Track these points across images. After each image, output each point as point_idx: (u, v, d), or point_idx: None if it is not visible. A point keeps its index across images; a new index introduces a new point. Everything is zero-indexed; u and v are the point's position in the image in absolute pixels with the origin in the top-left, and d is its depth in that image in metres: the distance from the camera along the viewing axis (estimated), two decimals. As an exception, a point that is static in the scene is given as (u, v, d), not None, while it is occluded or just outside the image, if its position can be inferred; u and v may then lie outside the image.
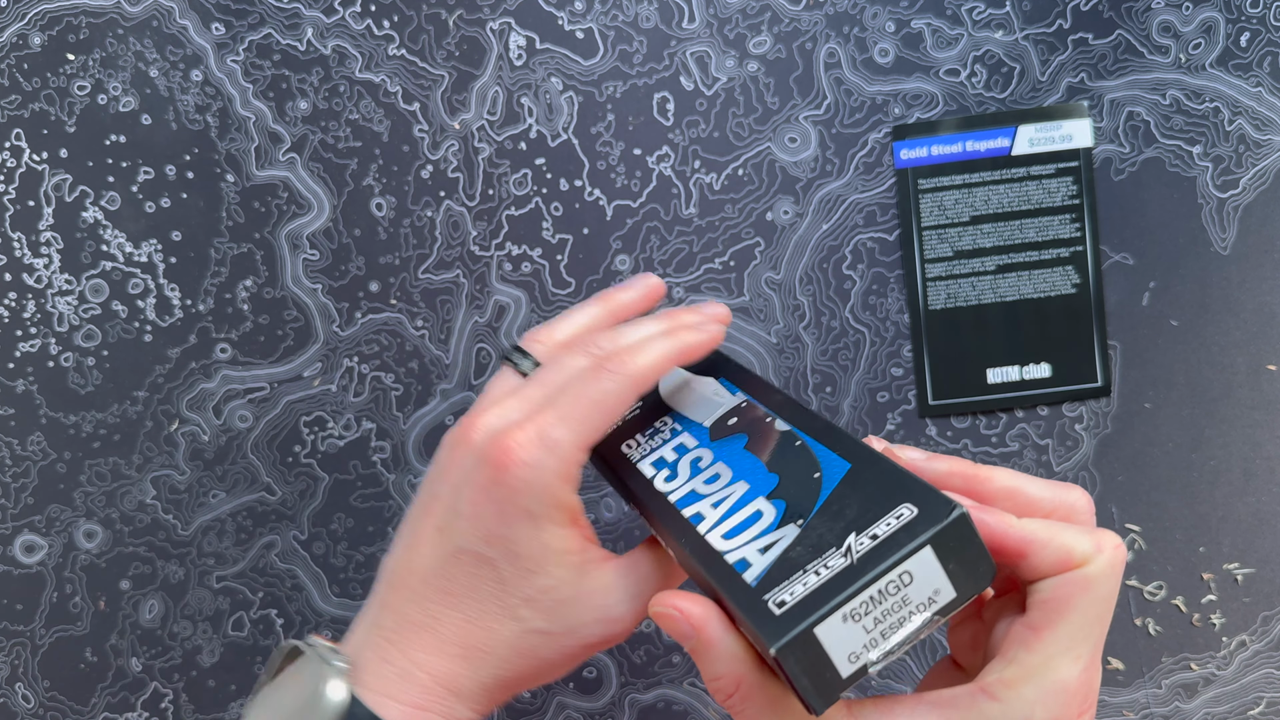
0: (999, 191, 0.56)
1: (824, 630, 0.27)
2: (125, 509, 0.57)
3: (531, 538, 0.34)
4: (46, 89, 0.58)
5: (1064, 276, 0.56)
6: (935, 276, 0.56)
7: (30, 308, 0.58)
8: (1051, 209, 0.56)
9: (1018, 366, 0.57)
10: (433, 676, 0.35)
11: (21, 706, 0.57)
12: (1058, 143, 0.56)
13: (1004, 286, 0.56)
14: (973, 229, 0.56)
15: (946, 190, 0.56)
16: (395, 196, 0.58)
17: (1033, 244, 0.56)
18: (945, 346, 0.56)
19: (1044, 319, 0.57)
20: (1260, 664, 0.58)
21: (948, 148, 0.56)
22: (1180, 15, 0.59)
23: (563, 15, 0.58)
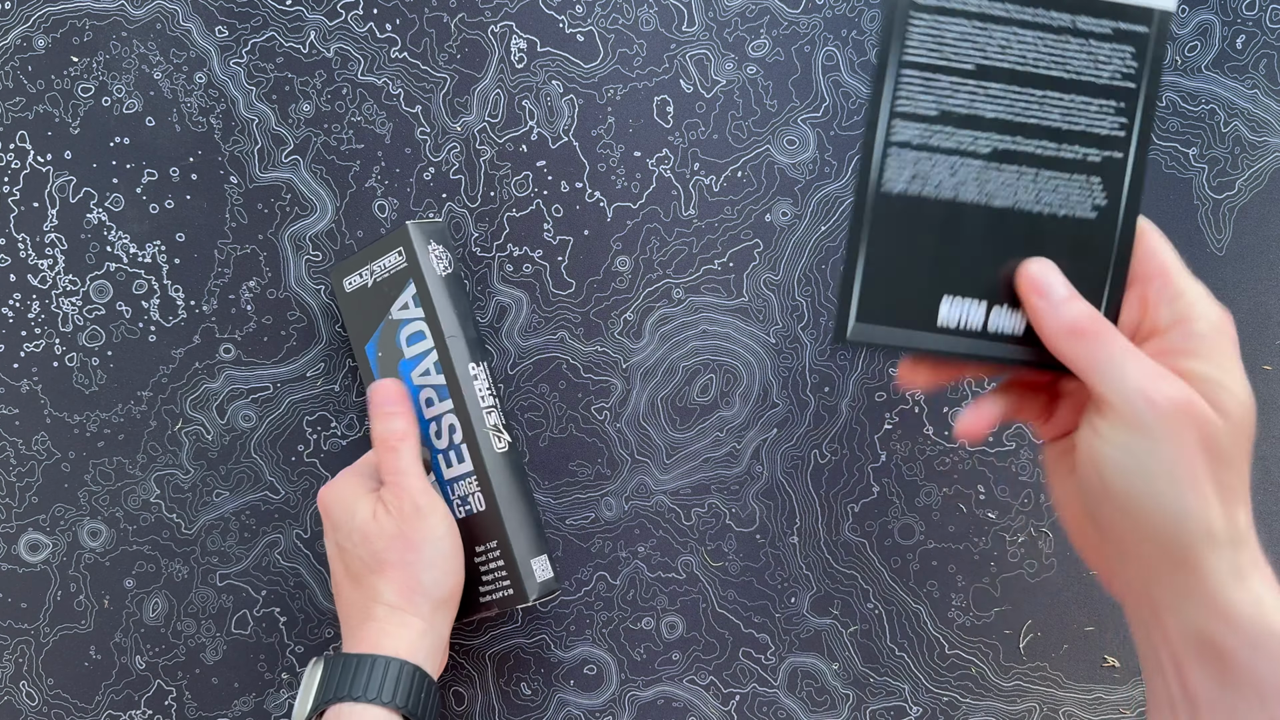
0: (1026, 39, 0.39)
1: None
2: (129, 508, 0.58)
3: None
4: (51, 91, 0.58)
5: (1084, 191, 0.40)
6: (903, 141, 0.39)
7: (35, 308, 0.58)
8: (1092, 86, 0.39)
9: (983, 305, 0.40)
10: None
11: (26, 704, 0.57)
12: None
13: (996, 183, 0.39)
14: (974, 85, 0.39)
15: (952, 16, 0.38)
16: (397, 198, 0.58)
17: (1052, 130, 0.39)
18: (892, 249, 0.40)
19: (1040, 245, 0.40)
20: (1255, 662, 0.59)
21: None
22: (1176, 17, 0.60)
23: (563, 19, 0.58)
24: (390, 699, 0.47)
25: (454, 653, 0.58)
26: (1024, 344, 0.40)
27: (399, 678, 0.48)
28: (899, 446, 0.59)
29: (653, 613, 0.58)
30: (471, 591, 0.54)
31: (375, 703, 0.47)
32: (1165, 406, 0.34)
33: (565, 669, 0.59)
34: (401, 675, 0.48)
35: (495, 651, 0.59)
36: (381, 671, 0.47)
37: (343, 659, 0.48)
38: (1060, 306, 0.38)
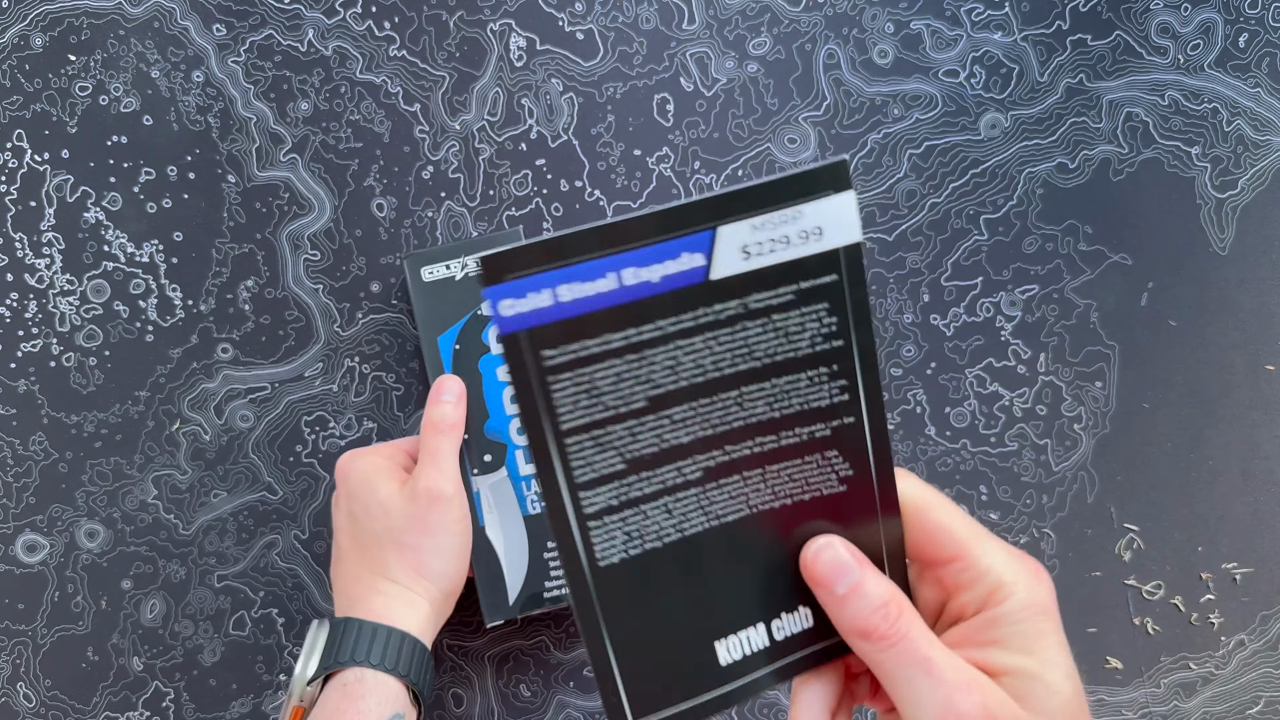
0: (695, 348, 0.32)
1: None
2: (127, 508, 0.58)
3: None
4: (48, 90, 0.58)
5: (825, 469, 0.34)
6: (599, 510, 0.32)
7: (32, 308, 0.58)
8: (793, 361, 0.32)
9: (763, 626, 0.34)
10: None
11: (23, 705, 0.57)
12: (796, 244, 0.31)
13: (723, 500, 0.33)
14: (654, 419, 0.32)
15: (596, 363, 0.31)
16: (396, 197, 0.58)
17: (765, 424, 0.33)
18: (638, 623, 0.33)
19: (795, 540, 0.34)
20: (1259, 663, 0.58)
21: (586, 285, 0.30)
22: (1179, 16, 0.59)
23: (563, 17, 0.58)
24: (405, 671, 0.47)
25: (454, 654, 0.58)
26: (819, 634, 0.35)
27: (413, 653, 0.48)
28: (900, 447, 0.58)
29: (653, 614, 0.58)
30: (536, 586, 0.54)
31: (393, 673, 0.47)
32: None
33: (565, 671, 0.58)
34: (415, 651, 0.48)
35: (495, 653, 0.58)
36: (398, 643, 0.48)
37: (357, 624, 0.48)
38: (848, 601, 0.32)
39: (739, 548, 0.34)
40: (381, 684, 0.47)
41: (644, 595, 0.33)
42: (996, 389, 0.59)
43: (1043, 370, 0.59)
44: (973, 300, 0.59)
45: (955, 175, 0.59)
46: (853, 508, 0.34)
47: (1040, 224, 0.59)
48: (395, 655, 0.47)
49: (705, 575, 0.34)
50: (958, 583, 0.33)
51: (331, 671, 0.47)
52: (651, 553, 0.33)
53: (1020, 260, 0.59)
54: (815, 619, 0.34)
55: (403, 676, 0.47)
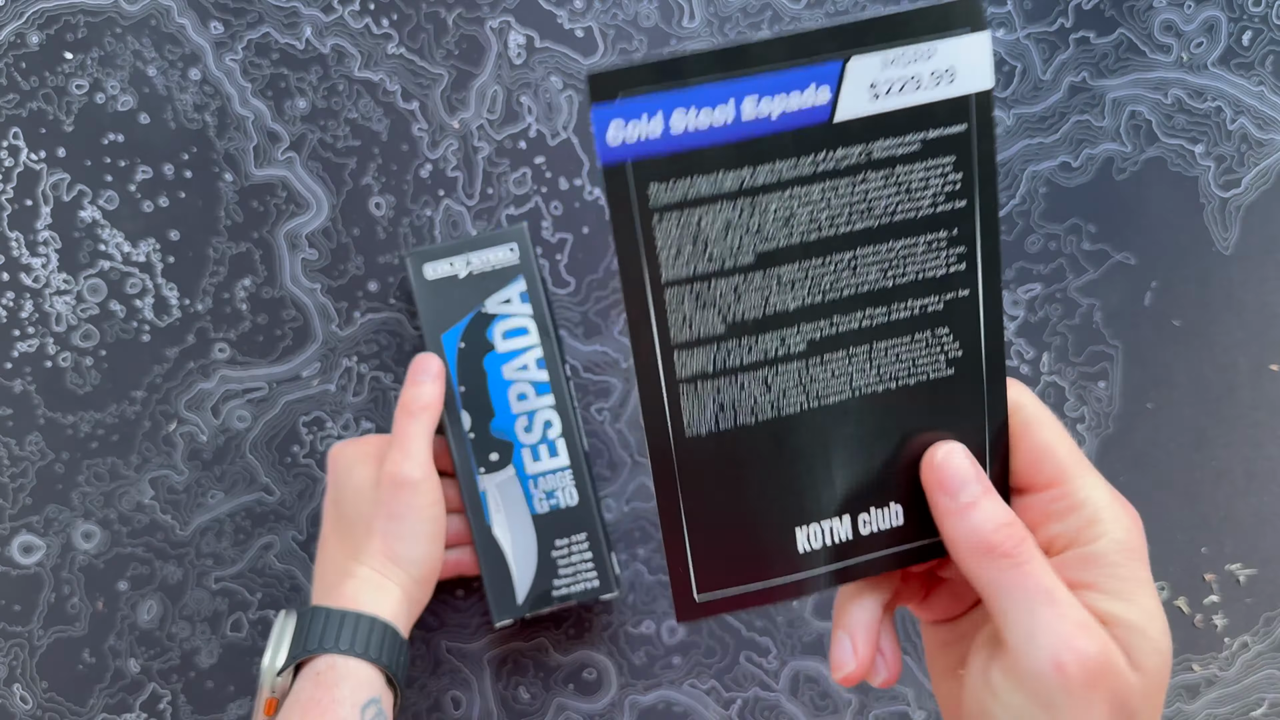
0: (812, 197, 0.29)
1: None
2: (123, 509, 0.57)
3: None
4: (44, 88, 0.57)
5: (933, 349, 0.31)
6: (693, 374, 0.30)
7: (28, 307, 0.57)
8: (911, 223, 0.30)
9: (848, 518, 0.32)
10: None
11: (20, 707, 0.57)
12: (927, 87, 0.29)
13: (824, 380, 0.31)
14: (762, 279, 0.29)
15: (705, 205, 0.28)
16: (394, 195, 0.58)
17: (875, 294, 0.30)
18: (718, 500, 0.31)
19: (895, 425, 0.32)
20: (1262, 665, 0.58)
21: (702, 115, 0.28)
22: (1182, 14, 0.59)
23: (562, 13, 0.58)
24: (377, 656, 0.47)
25: (452, 656, 0.58)
26: (907, 534, 0.32)
27: (383, 637, 0.48)
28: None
29: (653, 616, 0.58)
30: (544, 585, 0.54)
31: (364, 657, 0.47)
32: (1076, 676, 0.28)
33: (564, 673, 0.58)
34: (386, 636, 0.48)
35: (494, 655, 0.58)
36: (367, 628, 0.47)
37: (324, 612, 0.48)
38: (969, 512, 0.30)
39: (836, 434, 0.31)
40: (354, 670, 0.46)
41: (728, 472, 0.31)
42: (999, 389, 0.59)
43: (1046, 370, 0.59)
44: (975, 300, 0.59)
45: (957, 174, 0.59)
46: (958, 396, 0.31)
47: (1043, 223, 0.59)
48: (365, 640, 0.47)
49: (796, 459, 0.31)
50: (1049, 512, 0.31)
51: (302, 661, 0.47)
52: (743, 429, 0.30)
53: (1023, 259, 0.59)
54: (906, 517, 0.32)
55: (374, 661, 0.47)
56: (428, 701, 0.57)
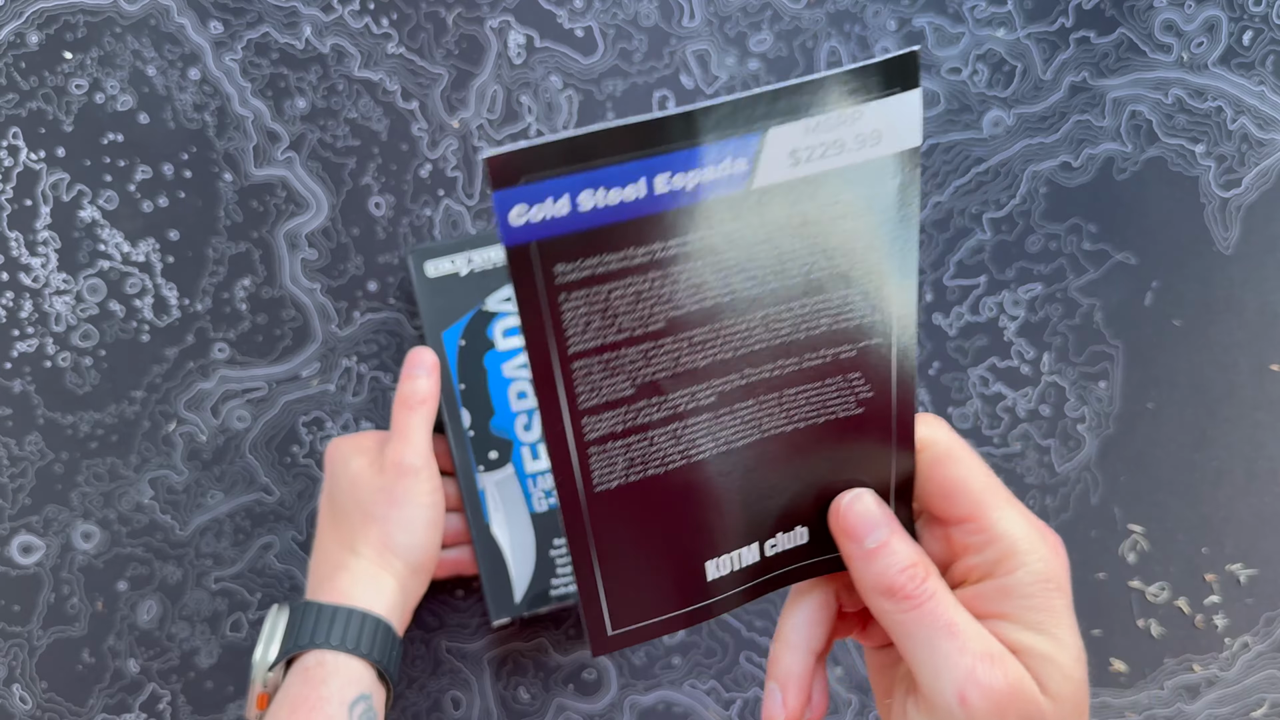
0: (726, 263, 0.28)
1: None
2: (122, 509, 0.57)
3: None
4: (44, 87, 0.57)
5: (845, 391, 0.31)
6: (602, 435, 0.29)
7: (27, 307, 0.57)
8: (829, 280, 0.29)
9: (756, 545, 0.33)
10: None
11: (19, 708, 0.57)
12: (851, 149, 0.27)
13: (734, 425, 0.31)
14: (671, 342, 0.29)
15: (614, 280, 0.27)
16: (394, 195, 0.58)
17: (788, 346, 0.30)
18: (630, 543, 0.31)
19: (803, 464, 0.32)
20: (1263, 665, 0.58)
21: (611, 193, 0.26)
22: (1182, 14, 0.59)
23: (562, 13, 0.58)
24: (368, 651, 0.47)
25: (452, 657, 0.58)
26: (812, 551, 0.33)
27: (375, 633, 0.47)
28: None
29: (653, 616, 0.58)
30: (543, 584, 0.54)
31: (354, 653, 0.46)
32: (981, 707, 0.28)
33: (564, 674, 0.58)
34: (378, 631, 0.48)
35: (494, 656, 0.58)
36: (358, 624, 0.47)
37: (316, 607, 0.48)
38: (874, 557, 0.31)
39: (744, 473, 0.31)
40: (344, 666, 0.46)
41: (639, 518, 0.31)
42: (1000, 389, 0.59)
43: (1046, 370, 0.59)
44: (976, 299, 0.59)
45: (958, 173, 0.59)
46: (866, 432, 0.31)
47: (1044, 222, 0.59)
48: (357, 636, 0.47)
49: (705, 499, 0.31)
50: (967, 544, 0.31)
51: (293, 656, 0.47)
52: (653, 478, 0.30)
53: (1024, 259, 0.59)
54: (811, 536, 0.33)
55: (365, 656, 0.47)
56: (427, 702, 0.57)
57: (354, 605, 0.48)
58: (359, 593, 0.48)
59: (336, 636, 0.47)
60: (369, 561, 0.49)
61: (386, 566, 0.49)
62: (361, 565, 0.49)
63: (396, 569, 0.50)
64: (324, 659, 0.46)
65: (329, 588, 0.49)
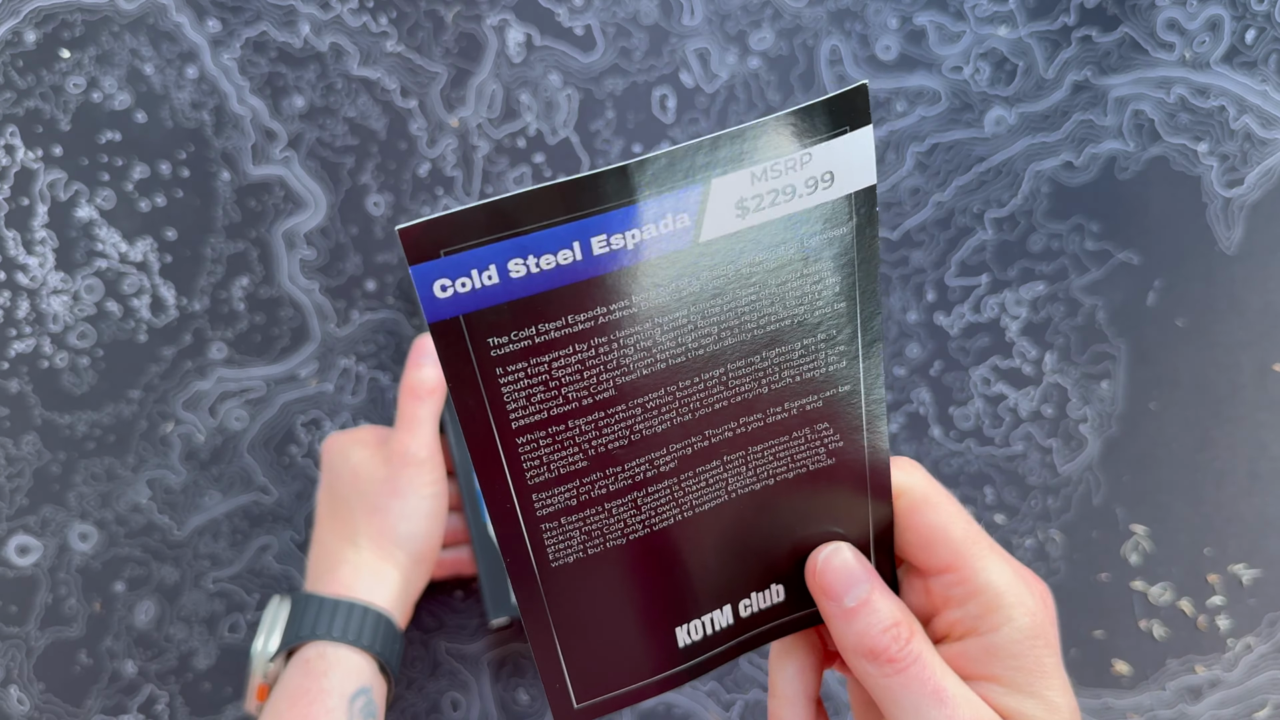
0: (676, 322, 0.27)
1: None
2: (120, 510, 0.57)
3: None
4: (41, 86, 0.57)
5: (814, 442, 0.30)
6: (554, 511, 0.28)
7: (24, 307, 0.57)
8: (788, 331, 0.28)
9: (729, 607, 0.31)
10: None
11: (17, 709, 0.56)
12: (802, 195, 0.26)
13: (698, 490, 0.29)
14: (624, 409, 0.27)
15: (555, 349, 0.26)
16: (393, 194, 0.57)
17: (751, 401, 0.29)
18: (590, 615, 0.30)
19: (776, 521, 0.31)
20: (1266, 666, 0.58)
21: (544, 259, 0.24)
22: (1185, 12, 0.59)
23: (562, 11, 0.57)
24: (370, 644, 0.47)
25: (451, 658, 0.57)
26: (788, 608, 0.31)
27: (377, 625, 0.47)
28: (905, 449, 0.58)
29: (653, 617, 0.57)
30: None
31: (355, 645, 0.46)
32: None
33: (564, 674, 0.57)
34: (380, 625, 0.47)
35: (493, 657, 0.58)
36: (360, 617, 0.47)
37: (318, 600, 0.47)
38: (854, 617, 0.29)
39: (712, 536, 0.30)
40: (345, 659, 0.46)
41: (600, 589, 0.29)
42: (1002, 389, 0.58)
43: (1049, 370, 0.59)
44: (978, 299, 0.59)
45: (960, 172, 0.59)
46: (839, 482, 0.30)
47: (1045, 221, 0.59)
48: (358, 628, 0.47)
49: (672, 566, 0.29)
50: (948, 597, 0.30)
51: (294, 647, 0.47)
52: (614, 549, 0.28)
53: (1026, 259, 0.59)
54: (788, 593, 0.31)
55: (367, 649, 0.46)
56: (426, 703, 0.57)
57: (356, 598, 0.47)
58: (361, 585, 0.48)
59: (338, 629, 0.46)
60: (370, 554, 0.49)
61: (389, 558, 0.49)
62: (363, 558, 0.49)
63: (399, 560, 0.49)
64: (325, 651, 0.46)
65: (330, 579, 0.49)
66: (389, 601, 0.48)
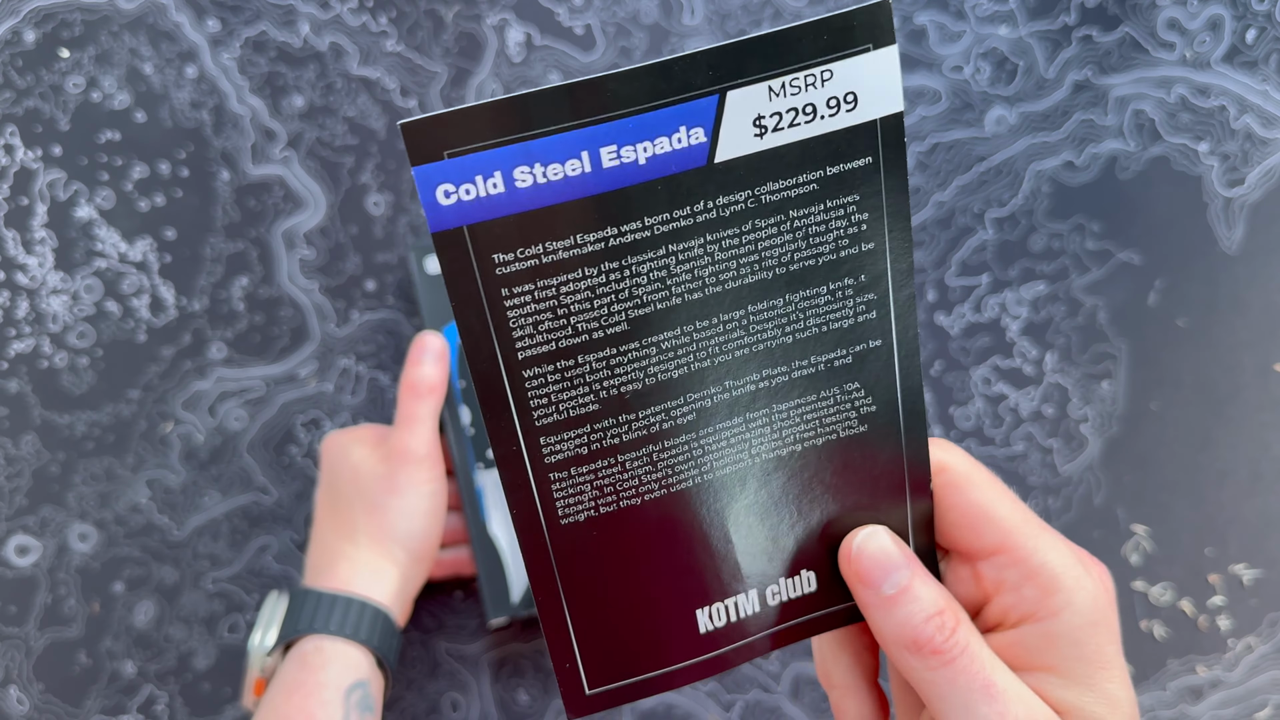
0: (692, 253, 0.25)
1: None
2: (119, 510, 0.57)
3: None
4: (40, 85, 0.57)
5: (844, 404, 0.28)
6: (564, 459, 0.26)
7: (23, 307, 0.57)
8: (812, 272, 0.26)
9: (755, 593, 0.29)
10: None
11: (16, 710, 0.56)
12: (824, 116, 0.24)
13: (718, 450, 0.27)
14: (637, 347, 0.25)
15: (564, 272, 0.24)
16: (392, 194, 0.57)
17: (774, 351, 0.27)
18: (603, 587, 0.28)
19: (807, 492, 0.29)
20: (1267, 667, 0.58)
21: (550, 169, 0.23)
22: (1186, 11, 0.59)
23: (561, 10, 0.57)
24: (367, 639, 0.47)
25: (451, 658, 0.57)
26: (823, 600, 0.29)
27: (375, 620, 0.47)
28: (904, 448, 0.58)
29: (653, 617, 0.57)
30: None
31: (353, 640, 0.46)
32: None
33: (564, 674, 0.57)
34: (378, 620, 0.47)
35: (492, 658, 0.57)
36: (358, 612, 0.47)
37: (316, 594, 0.47)
38: (894, 605, 0.27)
39: (735, 506, 0.28)
40: (342, 653, 0.46)
41: (614, 558, 0.27)
42: (1002, 389, 0.58)
43: (1050, 370, 0.58)
44: (978, 299, 0.58)
45: (961, 171, 0.58)
46: (873, 455, 0.28)
47: (1046, 221, 0.59)
48: (356, 623, 0.47)
49: (691, 537, 0.27)
50: (1000, 581, 0.27)
51: (291, 641, 0.47)
52: (628, 510, 0.26)
53: (1026, 258, 0.59)
54: (820, 582, 0.29)
55: (364, 643, 0.46)
56: (426, 704, 0.57)
57: (354, 593, 0.47)
58: (359, 581, 0.48)
59: (335, 623, 0.46)
60: (369, 551, 0.49)
61: (387, 555, 0.49)
62: (362, 555, 0.49)
63: (397, 557, 0.49)
64: (322, 645, 0.46)
65: (328, 575, 0.49)
66: (387, 598, 0.48)
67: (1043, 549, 0.27)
